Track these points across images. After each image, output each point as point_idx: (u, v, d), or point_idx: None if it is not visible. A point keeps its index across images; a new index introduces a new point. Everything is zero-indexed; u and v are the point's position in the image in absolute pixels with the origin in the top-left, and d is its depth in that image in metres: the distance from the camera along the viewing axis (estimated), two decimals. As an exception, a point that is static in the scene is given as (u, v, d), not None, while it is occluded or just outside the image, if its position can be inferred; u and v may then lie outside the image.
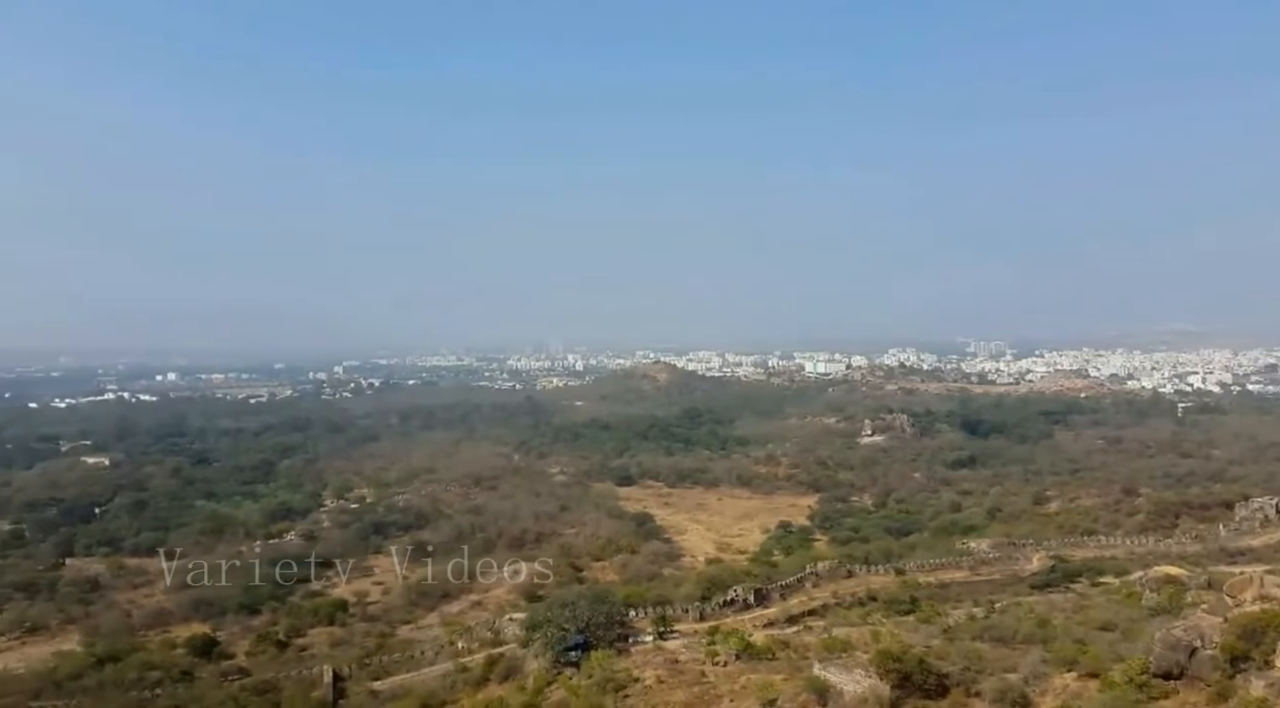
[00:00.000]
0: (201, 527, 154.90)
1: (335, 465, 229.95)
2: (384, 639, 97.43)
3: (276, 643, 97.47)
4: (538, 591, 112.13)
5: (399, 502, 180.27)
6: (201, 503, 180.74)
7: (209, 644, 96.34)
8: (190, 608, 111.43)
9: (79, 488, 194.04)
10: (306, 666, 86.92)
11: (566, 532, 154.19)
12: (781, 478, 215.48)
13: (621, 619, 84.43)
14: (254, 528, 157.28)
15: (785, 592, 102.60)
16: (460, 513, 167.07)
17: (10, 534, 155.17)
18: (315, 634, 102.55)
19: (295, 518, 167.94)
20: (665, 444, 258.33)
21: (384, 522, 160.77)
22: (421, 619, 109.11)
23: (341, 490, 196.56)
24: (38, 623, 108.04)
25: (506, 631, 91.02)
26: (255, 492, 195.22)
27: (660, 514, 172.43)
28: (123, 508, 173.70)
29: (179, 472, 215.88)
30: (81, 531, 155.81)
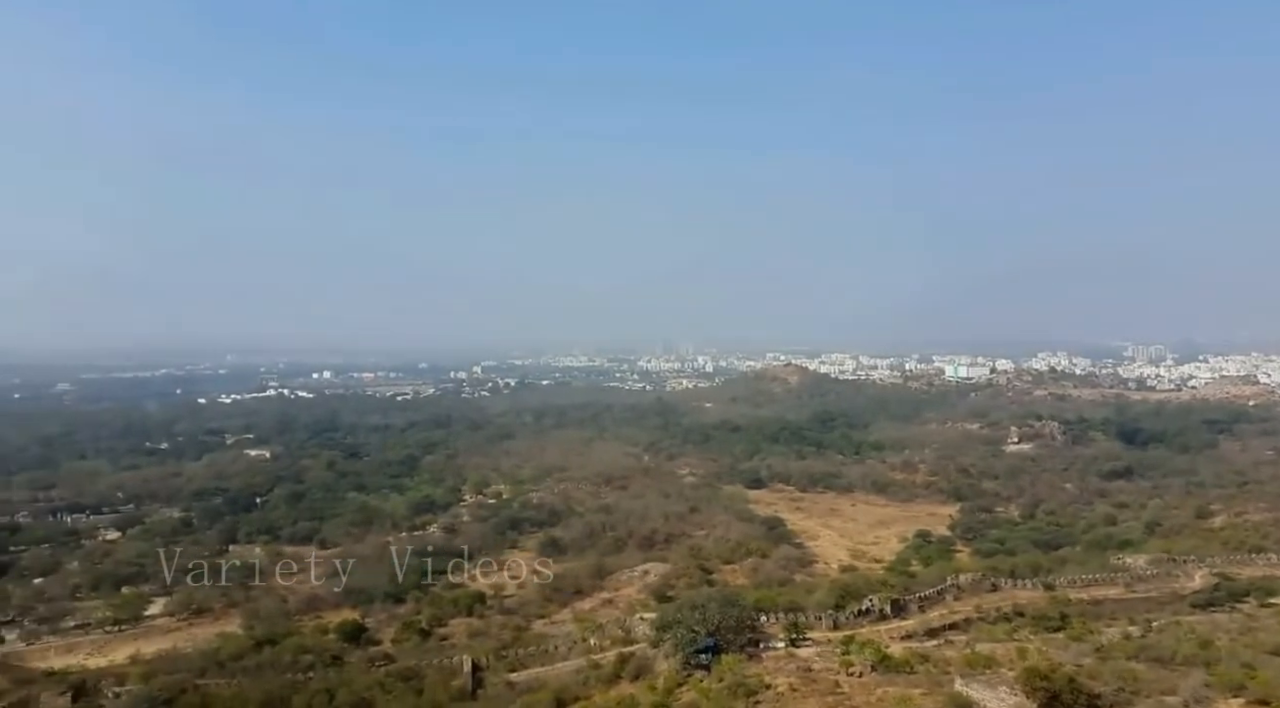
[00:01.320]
0: (352, 518, 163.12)
1: (474, 462, 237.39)
2: (519, 633, 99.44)
3: (420, 632, 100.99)
4: (667, 591, 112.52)
5: (533, 499, 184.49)
6: (352, 495, 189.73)
7: (358, 630, 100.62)
8: (341, 595, 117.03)
9: (242, 479, 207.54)
10: (447, 655, 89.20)
11: (696, 533, 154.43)
12: (920, 485, 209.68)
13: (752, 624, 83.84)
14: (400, 520, 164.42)
15: (924, 604, 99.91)
16: (591, 511, 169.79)
17: (180, 521, 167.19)
18: (455, 624, 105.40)
19: (437, 511, 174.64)
20: (796, 448, 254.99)
21: (519, 518, 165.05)
22: (555, 615, 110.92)
23: (480, 486, 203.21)
24: (203, 606, 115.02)
25: (637, 630, 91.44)
26: (401, 485, 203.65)
27: (791, 519, 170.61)
28: (281, 499, 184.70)
29: (332, 465, 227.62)
30: (244, 519, 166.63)
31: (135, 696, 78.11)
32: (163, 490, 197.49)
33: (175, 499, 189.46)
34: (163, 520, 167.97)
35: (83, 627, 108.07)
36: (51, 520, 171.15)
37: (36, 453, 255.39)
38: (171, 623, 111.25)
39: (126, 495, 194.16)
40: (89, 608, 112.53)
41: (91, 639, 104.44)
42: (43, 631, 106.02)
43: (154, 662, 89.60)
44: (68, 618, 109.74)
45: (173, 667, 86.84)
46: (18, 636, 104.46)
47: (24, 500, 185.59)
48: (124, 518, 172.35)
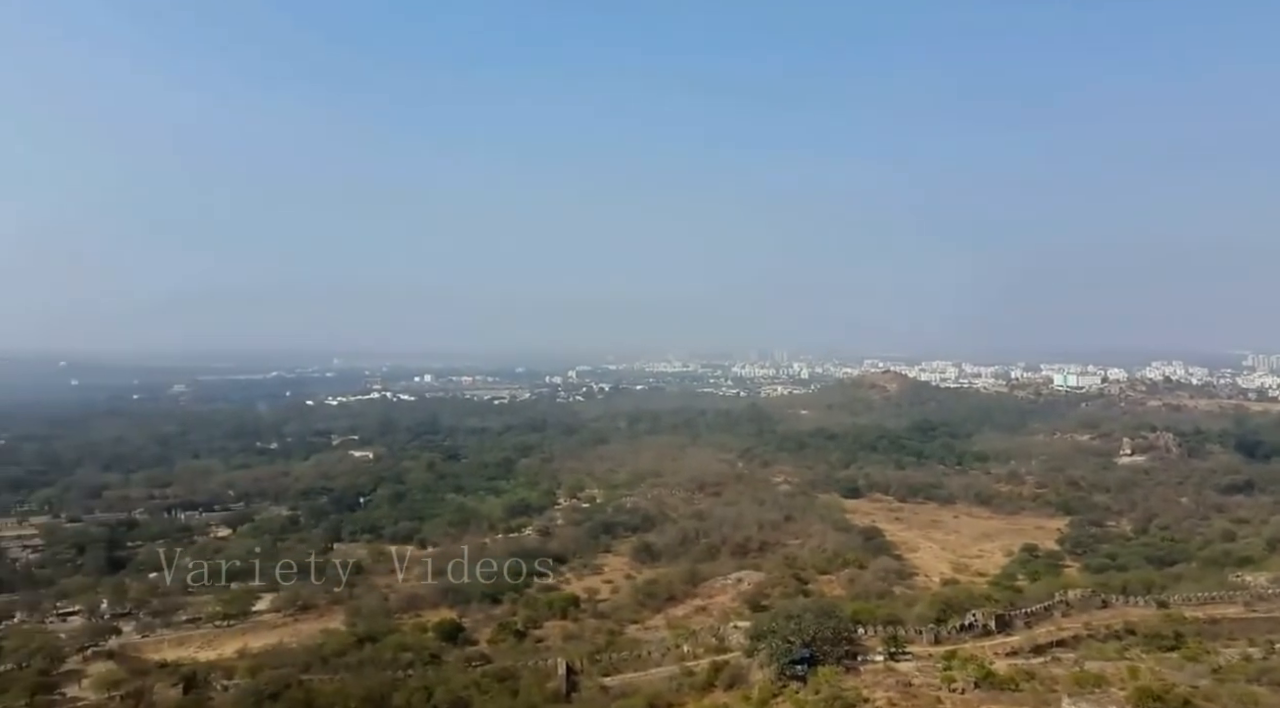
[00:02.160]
0: (451, 519, 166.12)
1: (568, 466, 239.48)
2: (613, 637, 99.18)
3: (515, 633, 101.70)
4: (762, 600, 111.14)
5: (627, 503, 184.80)
6: (451, 496, 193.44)
7: (455, 630, 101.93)
8: (439, 594, 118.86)
9: (347, 479, 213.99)
10: (542, 657, 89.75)
11: (791, 542, 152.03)
12: (1026, 497, 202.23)
13: (849, 636, 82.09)
14: (496, 522, 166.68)
15: (1030, 619, 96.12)
16: (685, 518, 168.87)
17: (288, 519, 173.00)
18: (550, 627, 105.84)
19: (532, 514, 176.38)
20: (895, 457, 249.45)
21: (613, 522, 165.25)
22: (648, 620, 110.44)
23: (574, 490, 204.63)
24: (309, 602, 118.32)
25: (731, 638, 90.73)
26: (497, 487, 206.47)
27: (890, 530, 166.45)
28: (384, 499, 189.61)
29: (432, 466, 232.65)
30: (348, 518, 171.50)
31: (242, 689, 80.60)
32: (272, 489, 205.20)
33: (284, 498, 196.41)
34: (271, 518, 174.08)
35: (194, 621, 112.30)
36: (167, 517, 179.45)
37: (154, 452, 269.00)
38: (278, 619, 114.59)
39: (237, 494, 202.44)
40: (200, 603, 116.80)
41: (202, 633, 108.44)
42: (157, 624, 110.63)
43: (261, 657, 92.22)
44: (180, 612, 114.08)
45: (278, 662, 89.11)
46: (134, 628, 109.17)
47: (141, 498, 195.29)
48: (235, 515, 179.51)
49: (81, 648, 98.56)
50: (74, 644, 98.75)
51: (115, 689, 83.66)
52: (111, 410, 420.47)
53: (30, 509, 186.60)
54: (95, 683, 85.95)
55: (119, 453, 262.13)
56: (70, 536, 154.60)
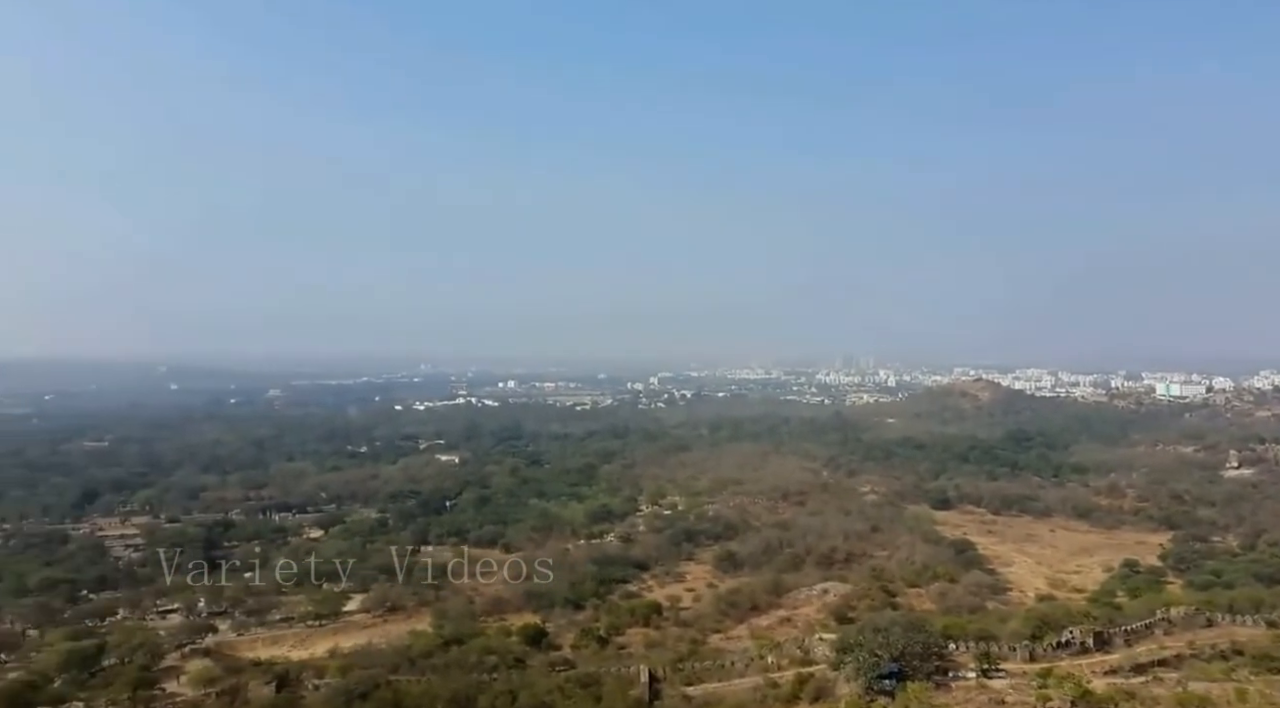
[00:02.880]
0: (534, 524, 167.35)
1: (650, 472, 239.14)
2: (695, 646, 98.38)
3: (598, 639, 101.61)
4: (848, 612, 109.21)
5: (709, 511, 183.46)
6: (534, 501, 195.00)
7: (539, 635, 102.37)
8: (523, 599, 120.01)
9: (433, 483, 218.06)
10: (624, 664, 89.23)
11: (878, 554, 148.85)
12: (1126, 511, 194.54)
13: (940, 651, 80.00)
14: (578, 527, 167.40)
15: (1131, 637, 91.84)
16: (768, 527, 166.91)
17: (377, 522, 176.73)
18: (632, 634, 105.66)
19: (614, 520, 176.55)
20: (988, 468, 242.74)
21: (695, 530, 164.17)
22: (731, 630, 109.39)
23: (655, 497, 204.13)
24: (397, 603, 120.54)
25: (816, 650, 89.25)
26: (579, 493, 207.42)
27: (982, 542, 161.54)
28: (469, 502, 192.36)
29: (516, 472, 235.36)
30: (435, 521, 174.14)
31: (333, 689, 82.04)
32: (362, 492, 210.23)
33: (373, 500, 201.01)
34: (361, 520, 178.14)
35: (287, 620, 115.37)
36: (261, 518, 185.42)
37: (250, 454, 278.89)
38: (367, 619, 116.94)
39: (329, 496, 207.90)
40: (293, 602, 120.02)
41: (295, 633, 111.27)
42: (251, 622, 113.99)
43: (351, 656, 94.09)
44: (274, 611, 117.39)
45: (368, 662, 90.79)
46: (229, 626, 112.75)
47: (238, 499, 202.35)
48: (326, 517, 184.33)
49: (180, 645, 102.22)
50: (173, 642, 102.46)
51: (211, 687, 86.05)
52: (210, 414, 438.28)
53: (132, 509, 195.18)
54: (192, 680, 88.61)
55: (217, 455, 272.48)
56: (170, 535, 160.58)
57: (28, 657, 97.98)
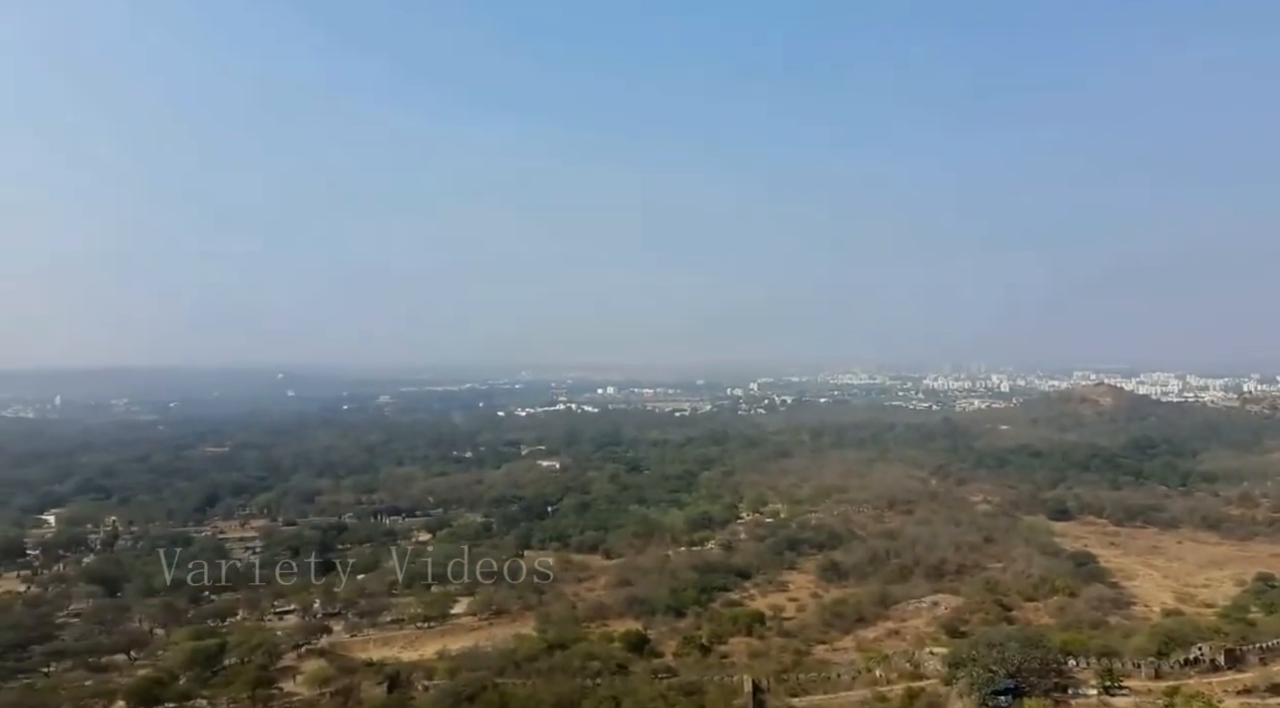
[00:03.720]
0: (634, 530, 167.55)
1: (750, 479, 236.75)
2: (800, 657, 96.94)
3: (700, 647, 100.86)
4: (960, 626, 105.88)
5: (811, 520, 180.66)
6: (634, 507, 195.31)
7: (641, 641, 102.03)
8: (624, 605, 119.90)
9: (535, 488, 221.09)
10: (728, 673, 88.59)
11: (991, 566, 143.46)
12: (1260, 522, 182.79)
13: (1058, 668, 77.92)
14: (678, 534, 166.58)
15: (1266, 655, 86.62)
16: (874, 536, 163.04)
17: (482, 526, 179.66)
18: (735, 643, 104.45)
19: (714, 528, 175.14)
20: (1109, 477, 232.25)
21: (797, 539, 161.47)
22: (837, 641, 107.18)
23: (756, 504, 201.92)
24: (502, 607, 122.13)
25: (927, 665, 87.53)
26: (679, 500, 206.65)
27: (1104, 555, 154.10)
28: (570, 508, 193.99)
29: (615, 478, 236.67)
30: (537, 526, 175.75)
31: (442, 690, 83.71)
32: (467, 496, 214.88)
33: (478, 505, 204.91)
34: (467, 524, 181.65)
35: (398, 622, 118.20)
36: (373, 522, 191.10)
37: (361, 459, 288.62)
38: (474, 622, 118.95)
39: (436, 500, 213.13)
40: (403, 604, 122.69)
41: (405, 634, 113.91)
42: (364, 624, 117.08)
43: (459, 659, 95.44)
44: (385, 613, 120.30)
45: (475, 664, 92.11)
46: (343, 627, 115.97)
47: (350, 503, 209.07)
48: (434, 521, 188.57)
49: (296, 646, 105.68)
50: (289, 642, 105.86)
51: (326, 686, 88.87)
52: (324, 420, 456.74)
53: (251, 513, 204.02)
54: (308, 680, 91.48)
55: (330, 460, 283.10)
56: (286, 538, 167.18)
57: (155, 655, 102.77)
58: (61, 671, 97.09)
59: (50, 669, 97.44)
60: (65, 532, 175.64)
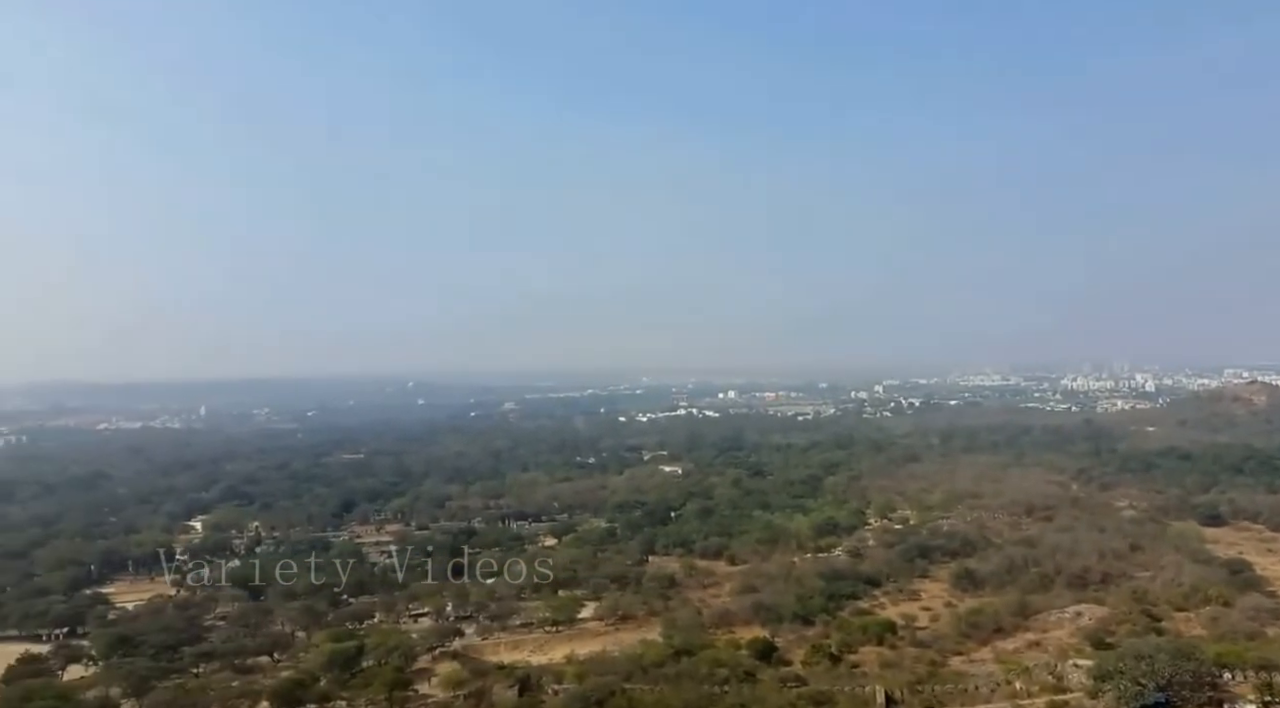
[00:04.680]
0: (758, 536, 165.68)
1: (877, 484, 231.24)
2: (935, 668, 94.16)
3: (830, 656, 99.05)
4: (1106, 637, 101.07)
5: (943, 526, 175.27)
6: (758, 513, 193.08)
7: (768, 649, 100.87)
8: (750, 612, 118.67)
9: (658, 493, 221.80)
10: (859, 683, 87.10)
11: (1138, 574, 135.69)
12: None
13: (1213, 681, 75.04)
14: (804, 540, 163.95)
15: None
16: (1010, 543, 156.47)
17: (606, 531, 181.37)
18: (865, 652, 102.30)
19: (841, 534, 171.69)
20: (1265, 480, 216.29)
21: (928, 545, 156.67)
22: (973, 652, 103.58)
23: (884, 510, 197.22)
24: (627, 612, 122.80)
25: (1071, 677, 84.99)
26: (803, 505, 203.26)
27: (1261, 563, 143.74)
28: (692, 513, 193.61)
29: (738, 483, 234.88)
30: (660, 532, 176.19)
31: (571, 694, 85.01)
32: (591, 501, 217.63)
33: (601, 510, 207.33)
34: (591, 529, 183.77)
35: (527, 625, 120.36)
36: (500, 526, 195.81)
37: (488, 465, 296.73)
38: (600, 627, 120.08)
39: (561, 505, 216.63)
40: (531, 608, 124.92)
41: (534, 638, 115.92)
42: (494, 627, 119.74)
43: (587, 663, 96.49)
44: (514, 616, 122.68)
45: (603, 669, 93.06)
46: (474, 630, 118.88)
47: (479, 508, 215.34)
48: (559, 526, 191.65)
49: (431, 648, 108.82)
50: (424, 644, 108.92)
51: (460, 689, 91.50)
52: (452, 427, 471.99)
53: (385, 518, 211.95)
54: (443, 682, 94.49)
55: (459, 466, 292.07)
56: (419, 542, 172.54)
57: (297, 656, 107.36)
58: (210, 672, 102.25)
59: (199, 670, 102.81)
60: (211, 537, 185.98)
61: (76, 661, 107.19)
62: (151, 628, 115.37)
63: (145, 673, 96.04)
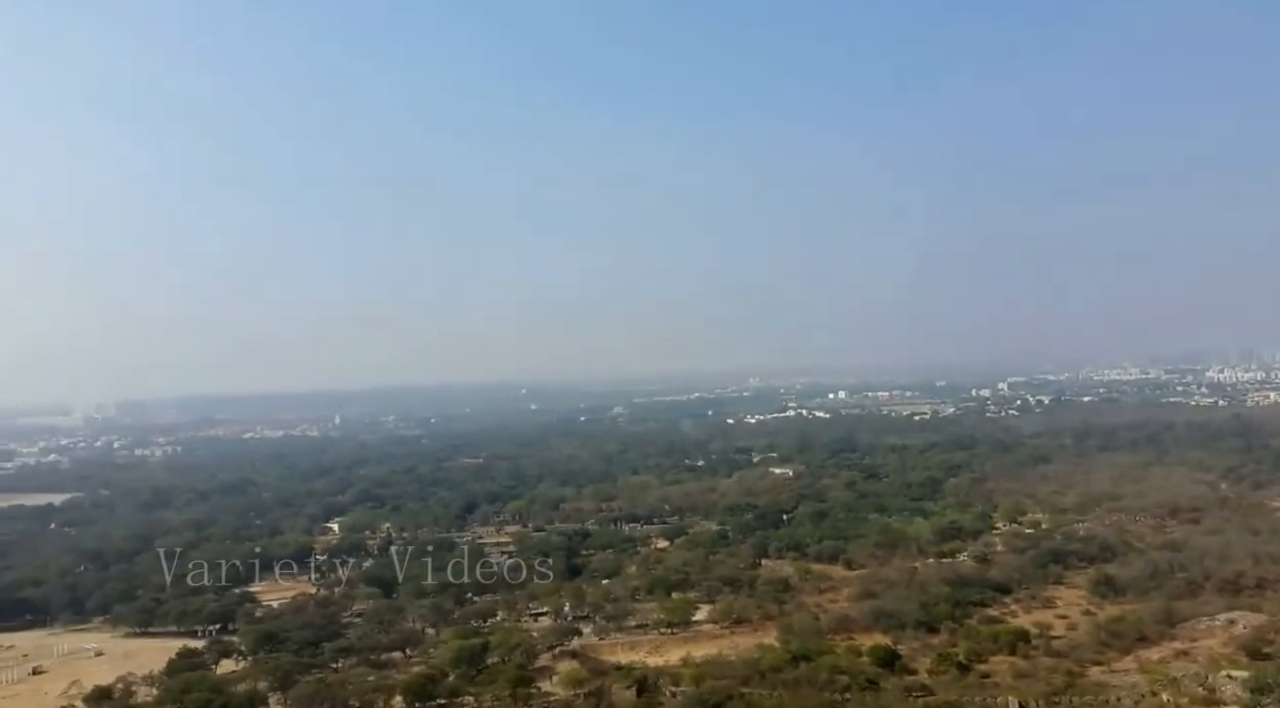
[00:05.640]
0: (876, 539, 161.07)
1: (1004, 486, 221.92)
2: (1073, 678, 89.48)
3: (957, 665, 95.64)
4: (1263, 647, 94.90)
5: (1078, 530, 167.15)
6: (874, 516, 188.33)
7: (891, 657, 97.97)
8: (870, 618, 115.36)
9: (769, 496, 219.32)
10: (990, 694, 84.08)
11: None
12: None
13: None
14: (925, 545, 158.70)
15: None
16: (1153, 548, 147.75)
17: (717, 534, 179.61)
18: (996, 662, 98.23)
19: (965, 538, 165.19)
20: None
21: (1062, 551, 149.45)
22: (1114, 662, 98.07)
23: (1013, 514, 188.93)
24: (742, 616, 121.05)
25: (1224, 689, 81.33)
26: (923, 509, 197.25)
27: None
28: (805, 516, 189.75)
29: (852, 485, 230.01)
30: (773, 535, 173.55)
31: (689, 697, 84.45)
32: (701, 504, 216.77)
33: (712, 513, 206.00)
34: (703, 532, 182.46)
35: (642, 627, 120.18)
36: (613, 528, 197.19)
37: (600, 468, 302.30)
38: (715, 630, 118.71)
39: (671, 508, 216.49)
40: (646, 610, 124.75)
41: (649, 639, 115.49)
42: (610, 627, 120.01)
43: (703, 666, 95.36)
44: (630, 618, 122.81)
45: (719, 673, 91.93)
46: (591, 630, 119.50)
47: (592, 510, 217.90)
48: (670, 528, 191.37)
49: (550, 647, 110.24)
50: (544, 643, 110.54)
51: (579, 688, 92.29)
52: (564, 431, 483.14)
53: (504, 520, 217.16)
54: (563, 680, 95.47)
55: (571, 469, 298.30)
56: (536, 543, 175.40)
57: (427, 653, 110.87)
58: (348, 666, 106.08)
59: (338, 665, 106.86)
60: (347, 538, 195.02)
61: (228, 655, 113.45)
62: (294, 625, 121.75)
63: (290, 668, 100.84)
